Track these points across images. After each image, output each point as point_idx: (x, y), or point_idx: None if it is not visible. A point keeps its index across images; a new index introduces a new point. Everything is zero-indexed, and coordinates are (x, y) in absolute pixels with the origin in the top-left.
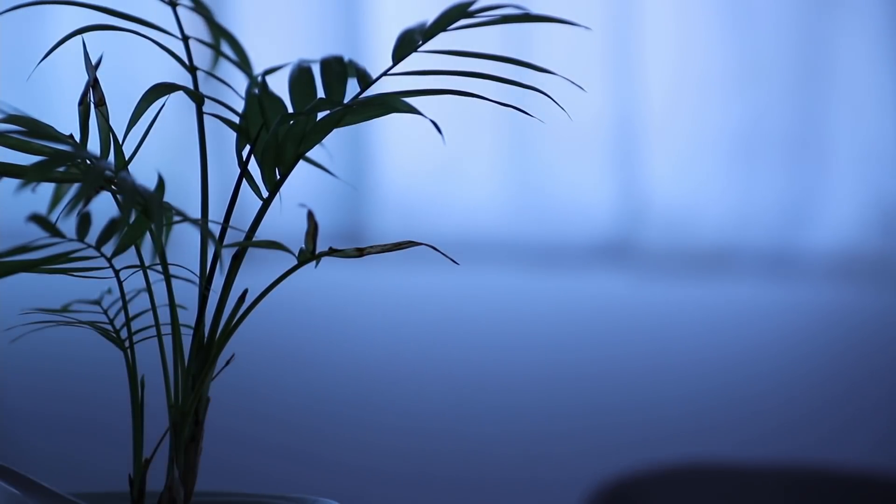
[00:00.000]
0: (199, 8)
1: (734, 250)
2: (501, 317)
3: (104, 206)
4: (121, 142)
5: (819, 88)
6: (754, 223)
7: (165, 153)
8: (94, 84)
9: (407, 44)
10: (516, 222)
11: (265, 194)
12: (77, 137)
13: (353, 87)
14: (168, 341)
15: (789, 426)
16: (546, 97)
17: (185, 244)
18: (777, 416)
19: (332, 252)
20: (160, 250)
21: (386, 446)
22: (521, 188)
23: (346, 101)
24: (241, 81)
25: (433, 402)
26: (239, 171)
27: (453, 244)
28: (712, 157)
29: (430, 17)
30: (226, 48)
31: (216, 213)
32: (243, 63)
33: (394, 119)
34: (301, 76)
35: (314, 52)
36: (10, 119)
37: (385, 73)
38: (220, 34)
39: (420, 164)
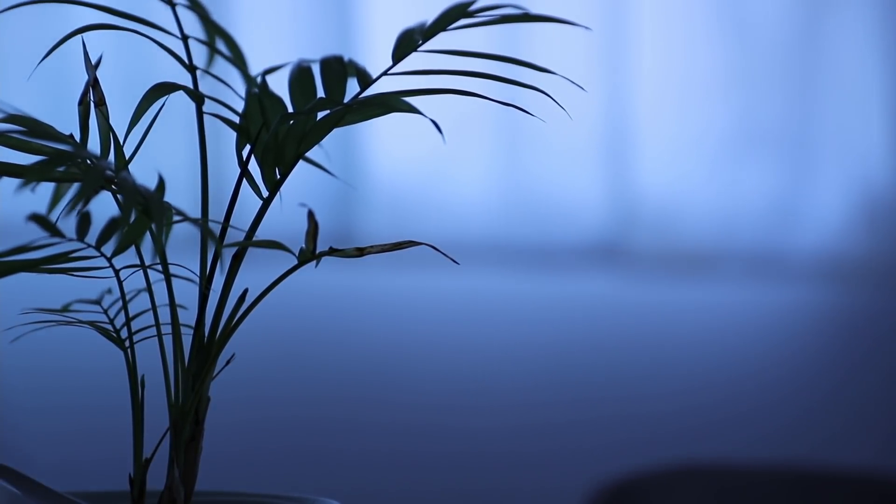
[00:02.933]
0: (196, 7)
1: (723, 251)
2: (496, 318)
3: (104, 206)
4: (122, 141)
5: (807, 88)
6: (742, 224)
7: (164, 152)
8: (93, 84)
9: (407, 43)
10: (508, 224)
11: (265, 194)
12: (77, 137)
13: (352, 86)
14: (168, 341)
15: (786, 426)
16: (538, 99)
17: (185, 244)
18: (774, 416)
19: (332, 252)
20: (160, 250)
21: (385, 446)
22: (512, 189)
23: (346, 100)
24: (240, 81)
25: (433, 402)
26: (239, 170)
27: (444, 246)
28: (701, 157)
29: (415, 18)
30: (224, 50)
31: (213, 212)
32: (239, 62)
33: (383, 119)
34: (301, 76)
35: (306, 52)
36: (10, 119)
37: (385, 73)
38: (216, 33)
39: (411, 165)
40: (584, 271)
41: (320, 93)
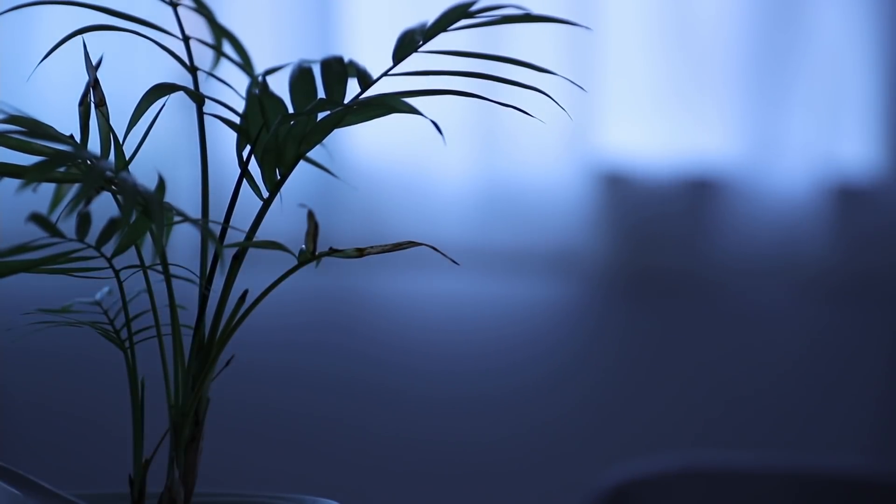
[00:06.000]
0: (202, 8)
1: (703, 264)
2: (495, 319)
3: (104, 207)
4: (122, 141)
5: (776, 97)
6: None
7: (160, 153)
8: (94, 84)
9: (408, 44)
10: (487, 227)
11: (265, 195)
12: (77, 138)
13: (351, 87)
14: (168, 341)
15: (784, 425)
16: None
17: (185, 244)
18: (770, 416)
19: (332, 252)
20: (161, 250)
21: (384, 446)
22: (491, 192)
23: (346, 101)
24: (238, 81)
25: (432, 403)
26: (239, 171)
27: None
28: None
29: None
30: (226, 51)
31: (213, 213)
32: (246, 64)
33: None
34: (302, 76)
35: (287, 53)
36: (11, 119)
37: (386, 73)
38: (222, 34)
39: (387, 167)
40: (577, 272)
41: (321, 93)
